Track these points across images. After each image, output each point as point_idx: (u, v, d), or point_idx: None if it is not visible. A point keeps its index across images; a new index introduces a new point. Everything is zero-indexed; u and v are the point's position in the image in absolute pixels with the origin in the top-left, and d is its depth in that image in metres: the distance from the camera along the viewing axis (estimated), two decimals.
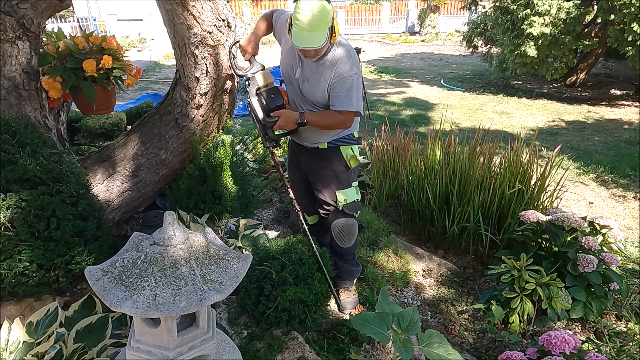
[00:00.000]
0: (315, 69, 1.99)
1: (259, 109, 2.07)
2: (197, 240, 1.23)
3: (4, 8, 1.77)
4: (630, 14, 5.95)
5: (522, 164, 2.89)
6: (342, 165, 2.15)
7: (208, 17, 2.15)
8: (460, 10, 16.82)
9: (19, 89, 1.93)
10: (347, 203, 2.17)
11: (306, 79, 2.03)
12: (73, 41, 2.16)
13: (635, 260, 2.90)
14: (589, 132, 5.99)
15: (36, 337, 1.66)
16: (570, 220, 2.34)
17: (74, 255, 1.85)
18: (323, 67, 1.97)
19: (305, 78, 2.04)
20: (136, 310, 1.06)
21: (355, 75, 1.95)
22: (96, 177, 2.29)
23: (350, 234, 2.23)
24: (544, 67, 7.51)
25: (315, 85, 2.01)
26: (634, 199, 3.96)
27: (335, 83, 1.96)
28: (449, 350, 1.33)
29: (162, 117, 2.43)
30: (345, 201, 2.17)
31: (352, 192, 2.19)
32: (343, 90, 1.95)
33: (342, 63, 1.95)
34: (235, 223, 2.41)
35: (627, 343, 2.14)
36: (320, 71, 1.98)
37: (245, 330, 1.95)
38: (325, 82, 1.98)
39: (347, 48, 1.98)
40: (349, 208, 2.19)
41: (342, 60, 1.95)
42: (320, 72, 1.98)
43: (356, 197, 2.21)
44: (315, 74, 1.99)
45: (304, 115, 2.00)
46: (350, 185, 2.18)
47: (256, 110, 2.07)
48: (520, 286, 2.22)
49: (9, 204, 1.69)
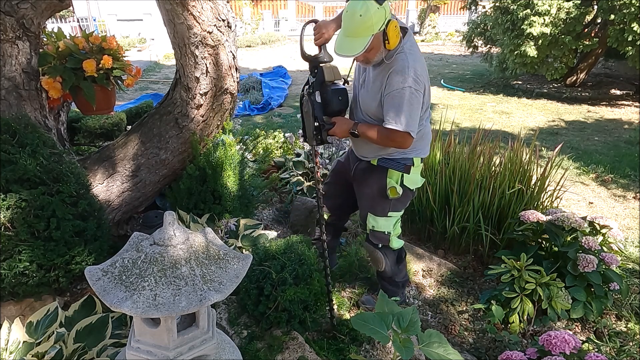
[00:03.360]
0: (374, 75, 1.83)
1: (319, 106, 1.88)
2: (197, 240, 1.23)
3: (4, 8, 1.77)
4: (630, 14, 5.95)
5: (522, 164, 2.89)
6: (381, 190, 1.97)
7: (208, 17, 2.15)
8: (460, 10, 16.82)
9: (19, 89, 1.93)
10: (374, 230, 2.05)
11: (365, 85, 1.88)
12: (73, 41, 2.16)
13: (635, 260, 2.90)
14: (589, 132, 5.99)
15: (36, 337, 1.66)
16: (570, 220, 2.34)
17: (74, 255, 1.85)
18: (381, 74, 1.79)
19: (364, 84, 1.89)
20: (136, 310, 1.06)
21: (408, 89, 1.71)
22: (96, 177, 2.29)
23: (376, 260, 2.14)
24: (544, 67, 7.51)
25: (370, 93, 1.85)
26: (634, 199, 3.96)
27: (387, 96, 1.77)
28: (449, 350, 1.33)
29: (162, 117, 2.43)
30: (374, 228, 2.04)
31: (383, 222, 2.02)
32: (393, 105, 1.74)
33: (395, 73, 1.73)
34: (235, 223, 2.41)
35: (627, 343, 2.14)
36: (377, 78, 1.81)
37: (245, 330, 1.95)
38: (378, 92, 1.80)
39: (407, 56, 1.75)
40: (374, 236, 2.07)
41: (395, 70, 1.74)
42: (376, 80, 1.81)
43: (387, 229, 2.03)
44: (373, 82, 1.83)
45: (357, 126, 1.86)
46: (384, 215, 2.01)
47: (315, 106, 1.88)
48: (520, 286, 2.22)
49: (9, 204, 1.68)
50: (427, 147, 2.03)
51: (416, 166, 1.99)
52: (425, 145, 2.02)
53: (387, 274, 2.18)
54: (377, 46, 1.74)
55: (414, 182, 2.01)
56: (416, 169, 2.00)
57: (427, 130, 2.02)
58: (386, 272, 2.17)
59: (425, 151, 2.02)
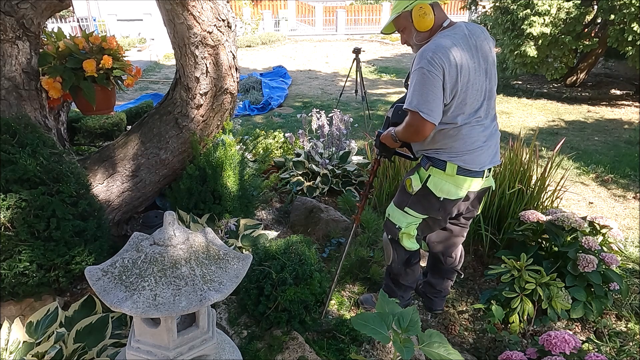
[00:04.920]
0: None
1: (387, 119, 2.00)
2: (197, 240, 1.23)
3: (4, 8, 1.77)
4: (630, 14, 5.95)
5: (522, 163, 2.89)
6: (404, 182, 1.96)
7: (208, 17, 2.15)
8: (460, 10, 16.80)
9: (19, 89, 1.93)
10: (388, 218, 2.03)
11: None
12: (73, 41, 2.16)
13: (635, 260, 2.90)
14: (589, 132, 5.99)
15: (36, 337, 1.66)
16: (570, 220, 2.34)
17: (74, 255, 1.85)
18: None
19: None
20: (136, 310, 1.06)
21: (420, 70, 1.66)
22: (96, 177, 2.29)
23: (386, 251, 2.13)
24: (544, 67, 7.51)
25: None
26: (634, 199, 3.96)
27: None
28: (449, 350, 1.33)
29: (162, 117, 2.43)
30: (389, 216, 2.03)
31: (399, 214, 1.98)
32: (409, 88, 1.73)
33: (416, 57, 1.72)
34: (235, 223, 2.41)
35: (627, 343, 2.14)
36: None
37: (245, 330, 1.95)
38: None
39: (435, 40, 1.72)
40: (386, 225, 2.07)
41: (417, 54, 1.72)
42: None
43: (400, 223, 1.98)
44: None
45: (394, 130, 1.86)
46: (401, 208, 1.97)
47: (385, 120, 2.04)
48: (520, 286, 2.21)
49: (9, 204, 1.69)
50: (468, 155, 1.81)
51: (448, 173, 1.83)
52: (465, 151, 1.81)
53: (393, 271, 2.16)
54: (408, 27, 1.79)
55: (439, 188, 1.86)
56: (448, 177, 1.84)
57: (468, 133, 1.80)
58: (392, 268, 2.15)
59: (466, 160, 1.81)
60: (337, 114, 3.80)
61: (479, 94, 1.78)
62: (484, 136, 1.84)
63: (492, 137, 1.88)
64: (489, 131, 1.86)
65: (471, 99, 1.77)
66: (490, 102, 1.85)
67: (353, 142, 3.89)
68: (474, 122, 1.81)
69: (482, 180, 1.89)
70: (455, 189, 1.85)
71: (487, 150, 1.86)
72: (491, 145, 1.88)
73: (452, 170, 1.82)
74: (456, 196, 1.87)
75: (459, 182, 1.85)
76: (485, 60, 1.79)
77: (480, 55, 1.76)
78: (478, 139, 1.82)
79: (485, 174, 1.89)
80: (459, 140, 1.81)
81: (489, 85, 1.81)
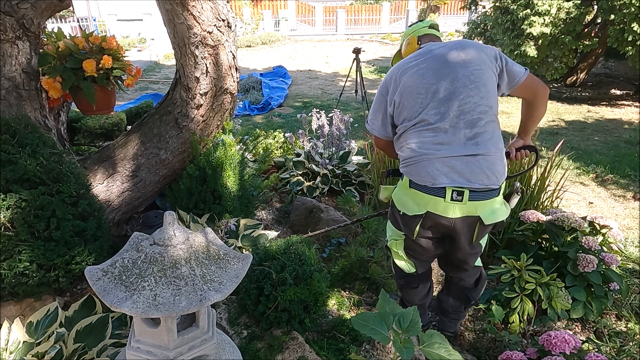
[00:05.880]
0: None
1: None
2: (197, 240, 1.23)
3: (4, 8, 1.77)
4: (630, 14, 5.95)
5: (522, 163, 2.89)
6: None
7: (208, 17, 2.15)
8: (460, 10, 16.81)
9: (19, 89, 1.93)
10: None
11: None
12: (73, 41, 2.16)
13: (635, 260, 2.90)
14: (589, 132, 5.99)
15: (36, 337, 1.66)
16: (570, 220, 2.34)
17: (74, 255, 1.85)
18: None
19: None
20: (136, 310, 1.06)
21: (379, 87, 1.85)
22: (96, 177, 2.29)
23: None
24: (544, 67, 7.51)
25: None
26: (634, 199, 3.96)
27: None
28: (450, 351, 1.33)
29: (162, 117, 2.43)
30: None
31: (387, 226, 2.05)
32: None
33: None
34: (235, 223, 2.40)
35: (627, 343, 2.14)
36: None
37: (245, 330, 1.95)
38: None
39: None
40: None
41: None
42: None
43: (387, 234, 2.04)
44: None
45: None
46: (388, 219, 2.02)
47: None
48: (520, 286, 2.22)
49: (9, 204, 1.68)
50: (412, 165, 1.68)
51: (404, 185, 1.75)
52: (407, 159, 1.71)
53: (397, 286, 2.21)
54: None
55: (397, 199, 1.80)
56: (404, 189, 1.76)
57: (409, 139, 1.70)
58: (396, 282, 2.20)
59: (411, 172, 1.69)
60: (337, 114, 3.80)
61: (422, 97, 1.66)
62: (436, 143, 1.63)
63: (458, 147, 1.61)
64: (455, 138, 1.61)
65: (411, 101, 1.68)
66: (451, 104, 1.62)
67: (353, 142, 3.89)
68: (421, 126, 1.66)
69: (451, 203, 1.61)
70: (412, 204, 1.72)
71: (444, 162, 1.61)
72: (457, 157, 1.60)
73: (406, 181, 1.73)
74: (413, 212, 1.72)
75: (415, 197, 1.71)
76: (446, 65, 1.66)
77: (439, 61, 1.68)
78: (423, 146, 1.65)
79: (453, 197, 1.60)
80: (403, 149, 1.74)
81: (451, 87, 1.63)
